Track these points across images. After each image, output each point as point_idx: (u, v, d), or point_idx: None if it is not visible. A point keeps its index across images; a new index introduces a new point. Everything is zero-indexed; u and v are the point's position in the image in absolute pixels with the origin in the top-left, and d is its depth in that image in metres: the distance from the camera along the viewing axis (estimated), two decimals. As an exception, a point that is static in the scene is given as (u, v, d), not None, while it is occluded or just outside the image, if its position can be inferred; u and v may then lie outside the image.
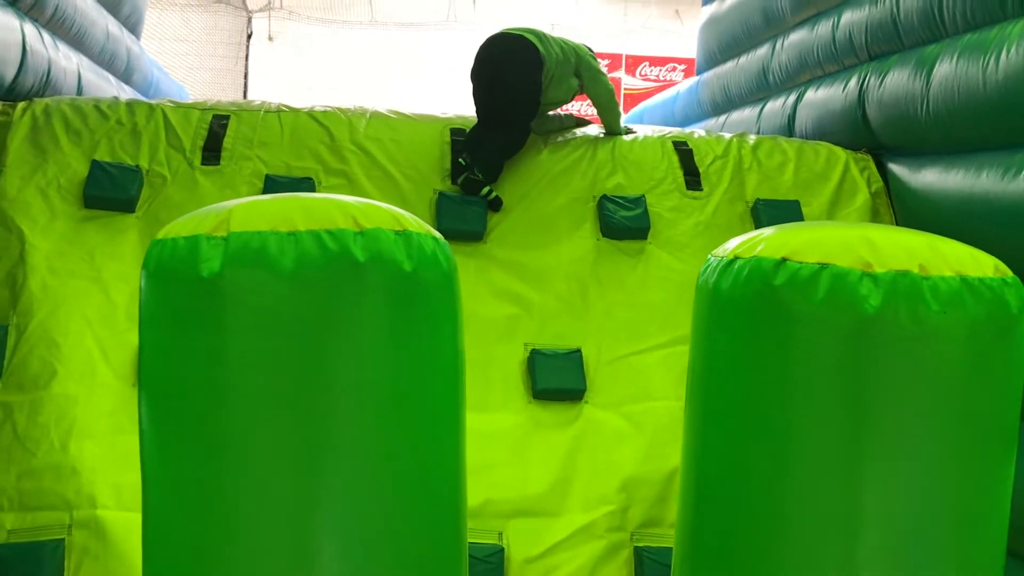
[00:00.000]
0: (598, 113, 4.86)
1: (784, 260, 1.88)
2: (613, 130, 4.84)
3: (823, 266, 1.84)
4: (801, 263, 1.86)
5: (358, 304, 1.82)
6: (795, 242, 1.91)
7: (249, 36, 17.87)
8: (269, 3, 17.81)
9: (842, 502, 1.85)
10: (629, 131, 4.93)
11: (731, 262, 1.99)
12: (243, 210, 1.86)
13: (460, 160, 4.30)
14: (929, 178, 4.28)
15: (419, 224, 1.97)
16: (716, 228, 4.31)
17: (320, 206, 1.88)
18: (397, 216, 1.92)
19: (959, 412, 1.84)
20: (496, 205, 4.29)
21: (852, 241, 1.87)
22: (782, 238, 1.94)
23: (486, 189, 4.29)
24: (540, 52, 4.48)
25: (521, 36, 4.54)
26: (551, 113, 4.82)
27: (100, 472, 3.29)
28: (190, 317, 1.83)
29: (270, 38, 18.24)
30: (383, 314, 1.86)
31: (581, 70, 4.72)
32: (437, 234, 2.01)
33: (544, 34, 4.63)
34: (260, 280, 1.78)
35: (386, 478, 1.87)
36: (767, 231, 2.02)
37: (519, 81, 4.47)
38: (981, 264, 1.87)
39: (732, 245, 2.06)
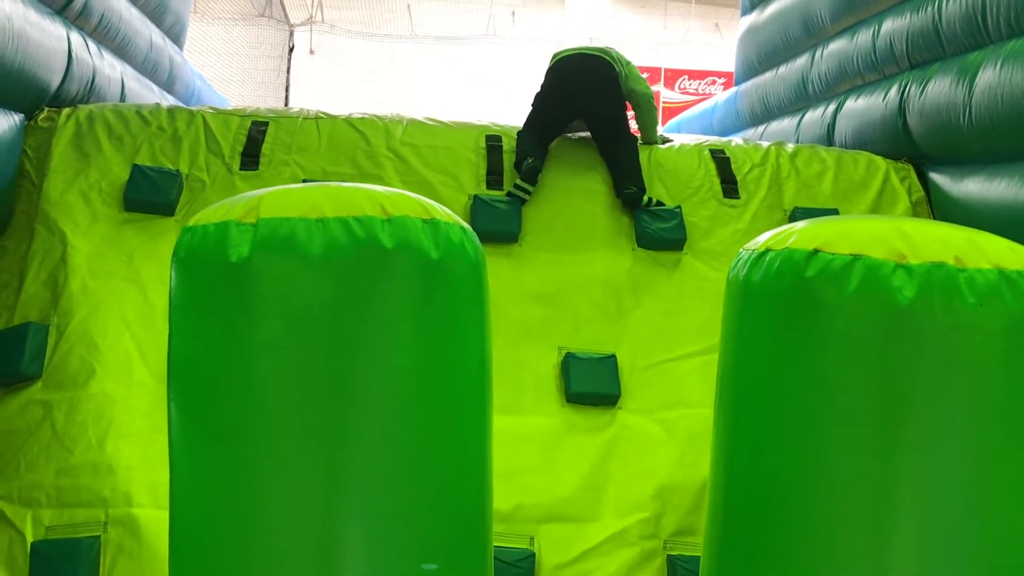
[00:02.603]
0: (636, 117, 4.87)
1: (816, 251, 1.85)
2: (648, 136, 4.86)
3: (856, 257, 1.80)
4: (834, 254, 1.82)
5: (385, 291, 1.82)
6: (827, 234, 1.87)
7: (291, 49, 18.12)
8: (311, 17, 18.06)
9: (874, 499, 1.81)
10: (665, 140, 4.93)
11: (762, 254, 1.96)
12: (273, 197, 1.88)
13: (529, 160, 4.34)
14: (971, 187, 4.21)
15: (447, 214, 1.97)
16: (753, 236, 4.22)
17: (348, 194, 1.89)
18: (425, 205, 1.93)
19: (995, 408, 1.79)
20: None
21: (886, 233, 1.84)
22: (814, 230, 1.90)
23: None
24: (616, 69, 4.68)
25: (600, 56, 4.70)
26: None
27: (136, 471, 3.31)
28: (218, 302, 1.84)
29: (311, 51, 18.48)
30: (410, 301, 1.86)
31: (628, 77, 4.79)
32: (465, 224, 2.01)
33: (609, 50, 4.79)
34: (288, 266, 1.79)
35: (412, 466, 1.86)
36: (799, 224, 1.99)
37: (614, 99, 4.66)
38: (1020, 257, 1.82)
39: (764, 238, 2.04)
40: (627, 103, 4.83)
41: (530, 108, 4.71)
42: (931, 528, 1.81)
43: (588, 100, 4.61)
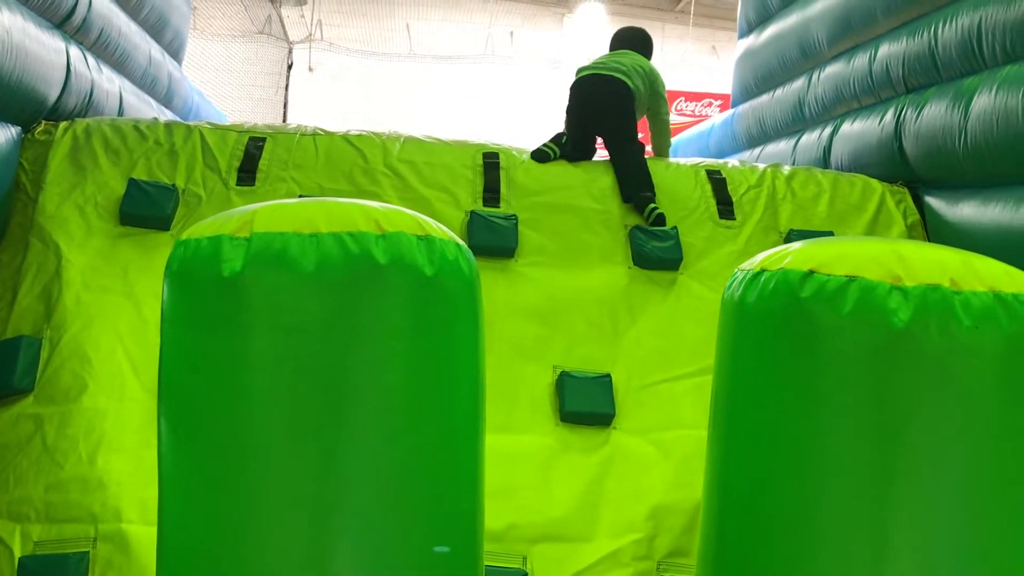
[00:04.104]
0: (651, 138, 5.19)
1: (811, 272, 1.85)
2: (661, 156, 5.20)
3: (851, 279, 1.80)
4: (829, 275, 1.83)
5: (378, 307, 1.81)
6: (823, 255, 1.87)
7: (290, 67, 18.18)
8: (310, 35, 18.13)
9: (869, 521, 1.80)
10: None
11: (757, 275, 1.96)
12: (267, 212, 1.87)
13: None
14: (966, 211, 4.22)
15: (442, 231, 1.97)
16: (749, 258, 4.26)
17: (342, 209, 1.88)
18: (420, 221, 1.92)
19: (992, 431, 1.78)
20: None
21: (881, 254, 1.84)
22: (810, 251, 1.91)
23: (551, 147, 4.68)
24: (631, 89, 4.90)
25: (615, 78, 4.90)
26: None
27: (126, 486, 3.29)
28: (211, 317, 1.83)
29: (310, 69, 18.54)
30: (403, 318, 1.85)
31: (652, 96, 5.07)
32: (460, 241, 2.00)
33: (628, 69, 4.97)
34: (281, 280, 1.78)
35: (404, 483, 1.85)
36: (795, 244, 1.99)
37: (625, 115, 4.89)
38: (1016, 280, 1.82)
39: (759, 258, 2.04)
40: (644, 117, 5.15)
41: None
42: (927, 551, 1.80)
43: (602, 121, 4.86)
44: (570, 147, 4.80)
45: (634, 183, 4.53)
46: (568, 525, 3.41)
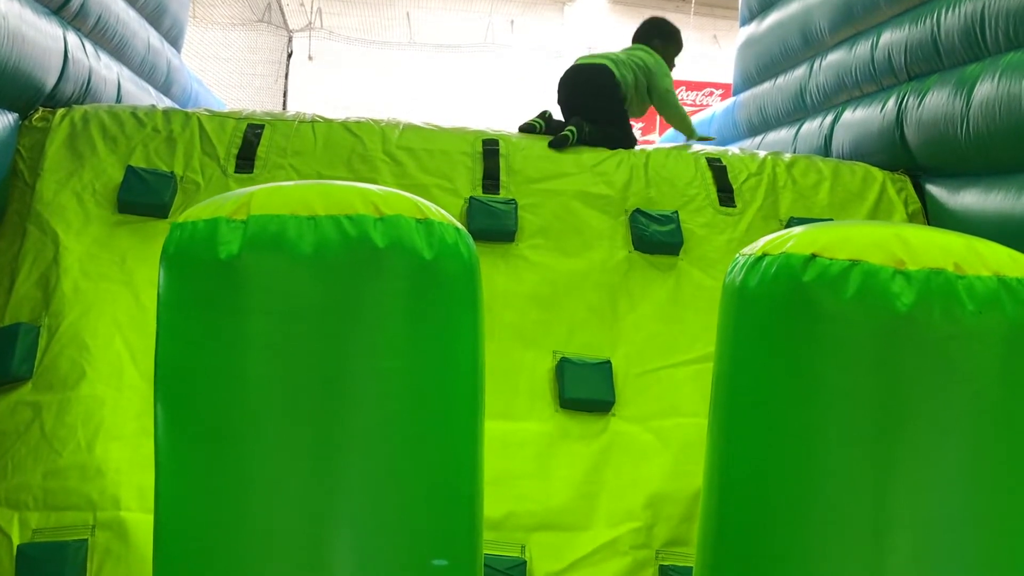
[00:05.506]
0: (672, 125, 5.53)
1: (814, 256, 1.83)
2: (686, 134, 5.47)
3: (854, 263, 1.79)
4: (831, 259, 1.81)
5: (376, 290, 1.80)
6: (825, 238, 1.86)
7: (289, 55, 18.13)
8: (310, 23, 18.08)
9: (871, 508, 1.79)
10: (705, 139, 5.51)
11: (759, 259, 1.95)
12: (264, 194, 1.86)
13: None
14: (968, 200, 4.21)
15: (441, 214, 1.96)
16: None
17: (340, 192, 1.87)
18: (419, 205, 1.91)
19: (994, 417, 1.77)
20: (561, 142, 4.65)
21: (885, 238, 1.82)
22: (812, 234, 1.89)
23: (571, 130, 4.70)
24: (616, 77, 5.05)
25: (598, 64, 5.10)
26: None
27: (125, 474, 3.28)
28: (207, 300, 1.82)
29: (310, 57, 18.50)
30: (402, 302, 1.84)
31: (652, 93, 5.23)
32: (459, 225, 1.99)
33: (618, 59, 5.14)
34: (278, 263, 1.77)
35: (402, 470, 1.84)
36: (797, 229, 1.97)
37: (608, 97, 5.04)
38: (1020, 265, 1.80)
39: (761, 243, 2.02)
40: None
41: None
42: (928, 538, 1.79)
43: (584, 104, 4.97)
44: (556, 126, 4.91)
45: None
46: (567, 514, 3.40)
